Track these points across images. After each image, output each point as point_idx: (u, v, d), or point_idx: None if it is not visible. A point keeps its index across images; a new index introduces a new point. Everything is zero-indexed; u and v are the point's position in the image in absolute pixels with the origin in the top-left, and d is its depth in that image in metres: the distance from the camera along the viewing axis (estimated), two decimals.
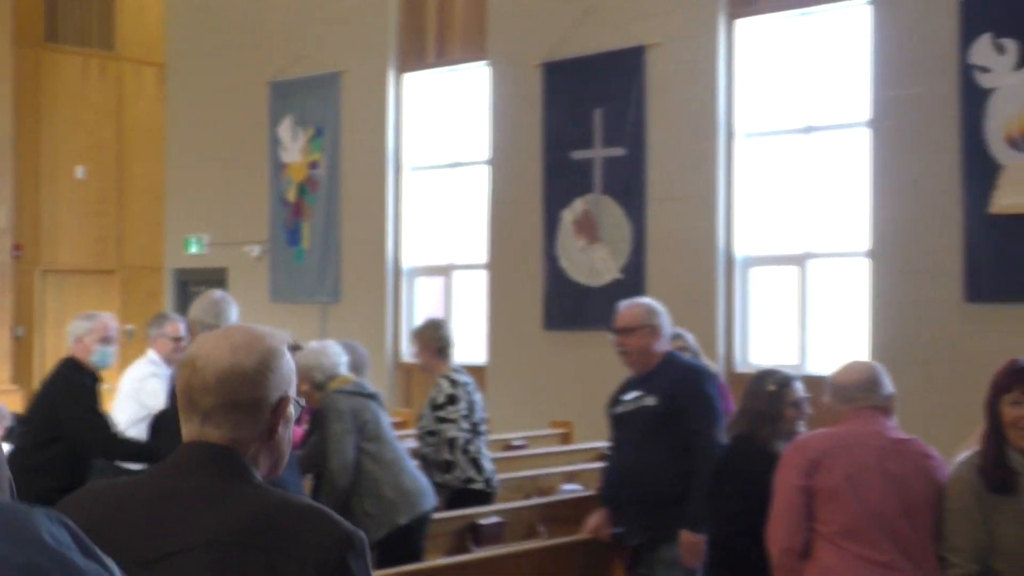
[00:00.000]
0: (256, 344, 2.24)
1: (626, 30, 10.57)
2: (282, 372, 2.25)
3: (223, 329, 2.35)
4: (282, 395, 2.25)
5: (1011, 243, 8.42)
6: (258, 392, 2.21)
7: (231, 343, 2.23)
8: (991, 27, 8.57)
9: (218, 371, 2.20)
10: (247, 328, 2.32)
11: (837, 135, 9.78)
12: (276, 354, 2.26)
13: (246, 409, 2.21)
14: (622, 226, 10.60)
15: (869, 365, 4.53)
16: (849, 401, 4.30)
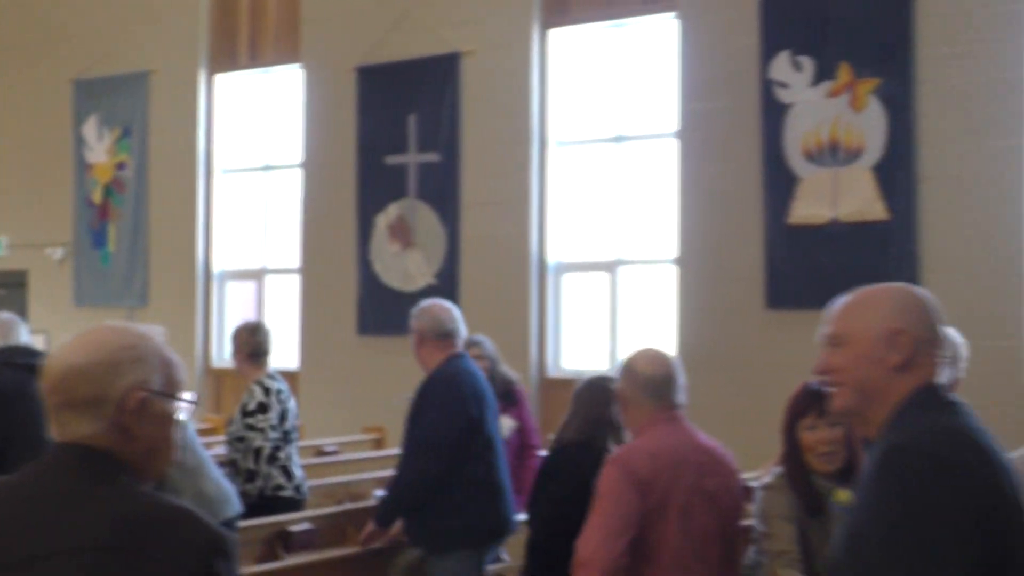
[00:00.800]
0: (101, 341, 2.24)
1: (441, 36, 10.63)
2: (124, 367, 2.22)
3: (88, 328, 2.33)
4: (126, 391, 2.21)
5: (808, 252, 8.78)
6: (95, 389, 2.19)
7: (79, 342, 2.24)
8: (789, 45, 8.93)
9: (59, 370, 2.21)
10: (107, 326, 2.31)
11: (646, 145, 10.04)
12: (118, 349, 2.23)
13: (87, 406, 2.19)
14: (436, 231, 10.65)
15: (669, 358, 4.26)
16: (658, 398, 4.10)
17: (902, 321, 2.49)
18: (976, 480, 2.28)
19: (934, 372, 2.50)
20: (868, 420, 2.51)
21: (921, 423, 2.38)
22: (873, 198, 8.56)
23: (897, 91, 8.53)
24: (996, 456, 2.37)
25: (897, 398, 2.46)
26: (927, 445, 2.30)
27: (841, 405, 2.55)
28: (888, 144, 8.55)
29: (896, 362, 2.47)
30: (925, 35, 8.46)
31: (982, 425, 2.44)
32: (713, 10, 9.37)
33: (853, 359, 2.51)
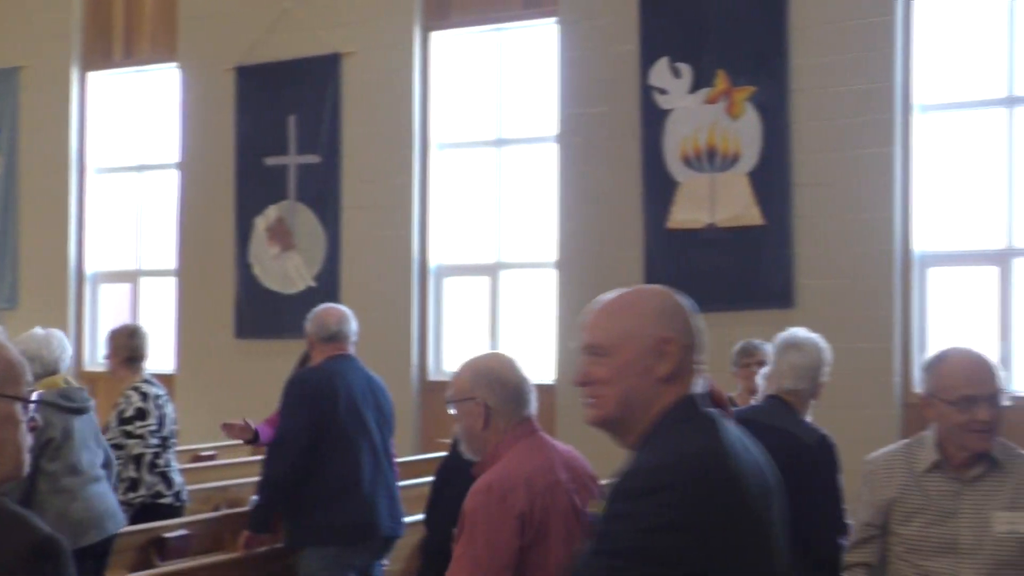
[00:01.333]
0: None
1: (321, 37, 10.55)
2: None
3: None
4: None
5: (686, 256, 8.92)
6: None
7: None
8: (668, 52, 9.07)
9: None
10: None
11: (527, 149, 10.09)
12: None
13: None
14: (317, 234, 10.56)
15: (514, 359, 3.73)
16: (521, 408, 3.59)
17: (670, 329, 2.35)
18: (718, 499, 2.18)
19: (693, 382, 2.36)
20: (629, 431, 2.35)
21: (675, 440, 2.26)
22: (749, 203, 8.73)
23: (772, 99, 8.72)
24: (744, 469, 2.27)
25: (659, 409, 2.31)
26: (678, 467, 2.20)
27: (600, 416, 2.37)
28: (763, 150, 8.73)
29: (664, 372, 2.32)
30: (798, 45, 8.66)
31: (736, 434, 2.35)
32: (593, 16, 9.46)
33: (617, 370, 2.33)
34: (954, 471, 3.41)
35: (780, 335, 4.59)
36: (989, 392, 3.35)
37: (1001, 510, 3.34)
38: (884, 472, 3.53)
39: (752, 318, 8.32)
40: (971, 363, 3.42)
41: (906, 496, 3.46)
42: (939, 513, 3.40)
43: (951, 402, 3.37)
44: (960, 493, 3.39)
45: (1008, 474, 3.38)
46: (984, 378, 3.38)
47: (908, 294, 8.37)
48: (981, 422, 3.33)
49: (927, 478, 3.44)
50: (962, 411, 3.35)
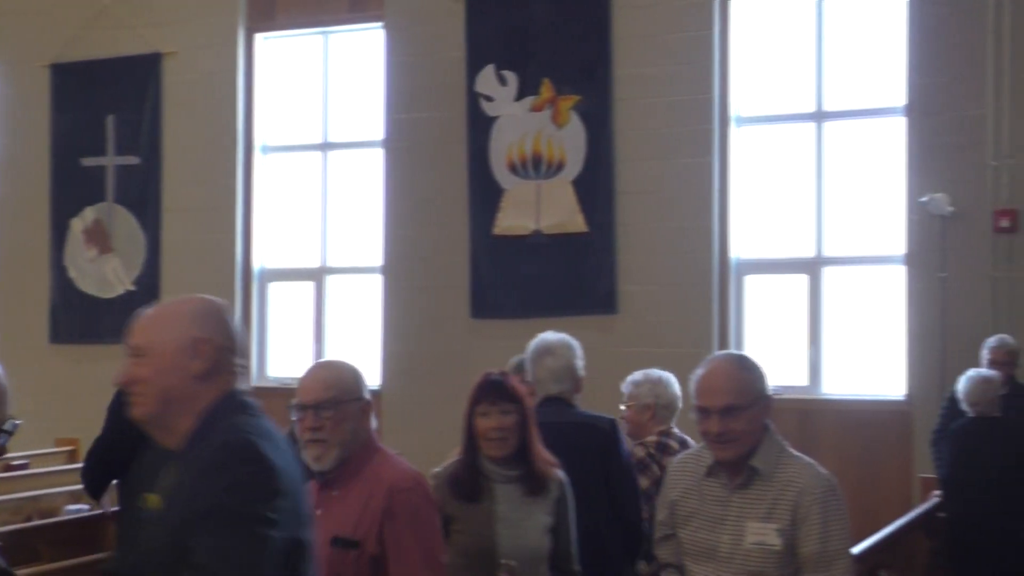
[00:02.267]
0: None
1: (142, 35, 10.31)
2: None
3: None
4: None
5: (512, 262, 9.02)
6: None
7: None
8: (494, 59, 9.16)
9: None
10: None
11: (353, 153, 10.05)
12: None
13: None
14: (136, 237, 10.31)
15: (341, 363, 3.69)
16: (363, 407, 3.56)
17: (205, 330, 2.50)
18: (283, 473, 2.39)
19: (235, 379, 2.53)
20: (172, 429, 2.49)
21: (233, 425, 2.43)
22: (573, 210, 8.89)
23: (596, 108, 8.89)
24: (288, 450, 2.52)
25: (203, 405, 2.47)
26: (249, 442, 2.38)
27: (142, 414, 2.51)
28: (587, 159, 8.89)
29: (199, 370, 2.48)
30: (621, 56, 8.86)
31: (272, 424, 2.55)
32: (420, 22, 9.49)
33: (155, 369, 2.48)
34: (726, 477, 3.41)
35: (532, 342, 4.72)
36: (721, 404, 3.31)
37: (756, 520, 3.32)
38: (675, 472, 3.58)
39: (577, 323, 8.43)
40: (711, 374, 3.40)
41: (686, 499, 3.47)
42: (708, 518, 3.40)
43: (696, 409, 3.41)
44: (728, 500, 3.39)
45: (771, 484, 3.35)
46: (716, 390, 3.35)
47: (726, 300, 8.65)
48: (712, 434, 3.33)
49: (706, 482, 3.44)
50: (700, 421, 3.38)
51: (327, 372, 3.48)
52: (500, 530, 3.91)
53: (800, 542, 3.29)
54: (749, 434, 3.35)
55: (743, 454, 3.35)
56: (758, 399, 3.39)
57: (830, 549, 3.29)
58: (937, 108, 8.08)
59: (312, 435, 3.35)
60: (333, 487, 3.37)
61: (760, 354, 8.53)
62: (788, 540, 3.29)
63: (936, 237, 8.01)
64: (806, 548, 3.28)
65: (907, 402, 8.12)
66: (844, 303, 8.57)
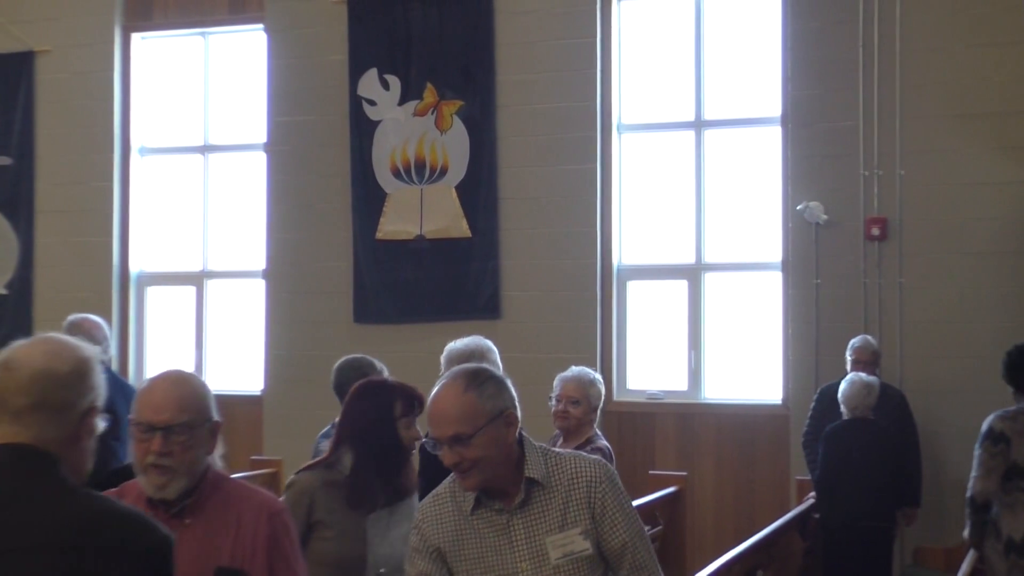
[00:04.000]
0: (70, 351, 2.37)
1: (13, 33, 10.04)
2: (93, 382, 2.38)
3: (38, 336, 2.42)
4: (92, 404, 2.37)
5: (394, 267, 9.00)
6: (69, 396, 2.32)
7: (46, 348, 2.35)
8: (377, 63, 9.14)
9: (32, 373, 2.30)
10: (61, 337, 2.43)
11: (235, 156, 9.93)
12: (90, 364, 2.38)
13: (55, 411, 2.30)
14: (8, 239, 10.04)
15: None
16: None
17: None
18: None
19: None
20: None
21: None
22: (457, 215, 8.90)
23: (479, 114, 8.93)
24: None
25: None
26: None
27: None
28: (470, 164, 8.91)
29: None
30: (504, 62, 8.90)
31: None
32: (301, 25, 9.42)
33: None
34: (497, 502, 3.09)
35: (450, 347, 4.74)
36: (449, 434, 2.98)
37: (553, 533, 3.06)
38: (430, 519, 3.16)
39: (460, 329, 8.45)
40: (437, 400, 3.05)
41: (459, 543, 3.11)
42: (494, 553, 3.08)
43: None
44: (510, 524, 3.08)
45: (553, 490, 3.08)
46: (441, 419, 3.01)
47: (609, 306, 8.74)
48: (450, 464, 3.03)
49: (475, 517, 3.10)
50: (439, 448, 3.05)
51: (180, 389, 3.02)
52: (371, 538, 3.90)
53: (606, 535, 3.07)
54: (490, 458, 3.01)
55: (490, 478, 3.04)
56: (491, 420, 3.02)
57: (636, 532, 3.10)
58: (812, 119, 8.29)
59: (157, 460, 2.94)
60: (184, 516, 3.00)
61: (642, 359, 8.70)
62: (595, 540, 3.07)
63: (811, 244, 8.21)
64: (616, 539, 3.06)
65: (784, 406, 8.31)
66: (723, 308, 8.73)
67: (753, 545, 5.99)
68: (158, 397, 3.00)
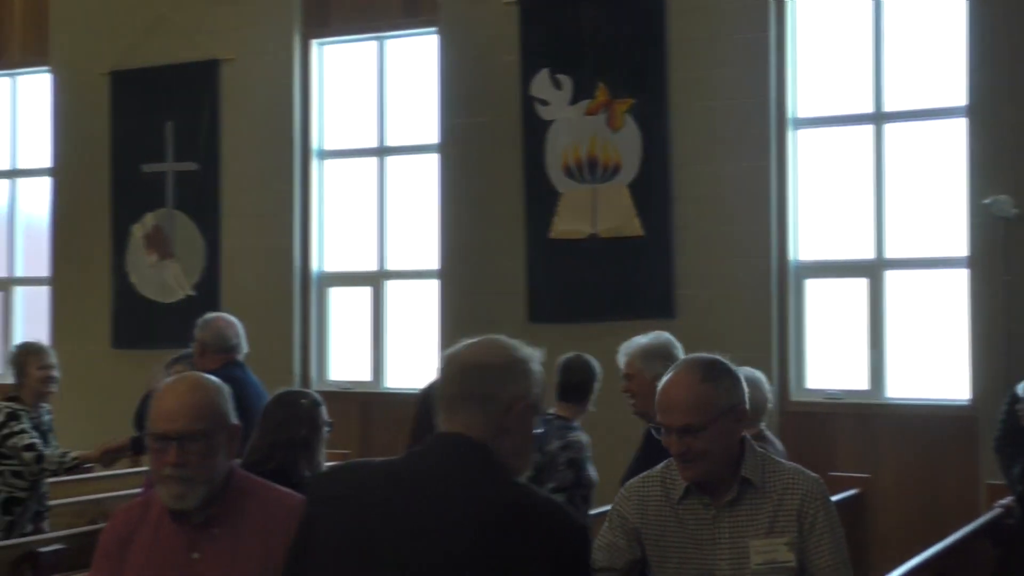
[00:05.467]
0: (504, 349, 2.58)
1: (199, 42, 10.42)
2: (523, 379, 2.53)
3: (486, 336, 2.67)
4: (519, 398, 2.51)
5: (569, 266, 9.00)
6: (493, 388, 2.49)
7: (483, 344, 2.60)
8: (549, 63, 9.15)
9: (462, 365, 2.54)
10: (502, 338, 2.65)
11: (409, 158, 10.08)
12: (522, 363, 2.56)
13: (481, 402, 2.48)
14: (195, 242, 10.42)
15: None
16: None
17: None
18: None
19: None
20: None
21: None
22: (629, 214, 8.85)
23: (651, 112, 8.86)
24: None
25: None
26: None
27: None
28: (643, 162, 8.85)
29: None
30: (676, 59, 8.81)
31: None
32: (474, 27, 9.50)
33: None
34: (707, 496, 3.06)
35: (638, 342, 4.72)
36: (679, 424, 2.97)
37: (758, 537, 3.01)
38: (633, 498, 3.15)
39: (633, 328, 8.40)
40: (669, 387, 3.04)
41: (658, 528, 3.09)
42: (695, 545, 3.05)
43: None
44: (717, 520, 3.05)
45: (766, 495, 3.05)
46: (673, 407, 3.00)
47: (785, 305, 8.57)
48: (673, 453, 3.02)
49: (683, 506, 3.08)
50: (664, 437, 3.03)
51: (195, 396, 2.93)
52: None
53: (811, 554, 3.02)
54: (716, 452, 3.00)
55: (711, 471, 3.02)
56: (723, 413, 3.02)
57: (840, 559, 3.05)
58: (999, 109, 7.96)
59: (173, 471, 2.84)
60: (211, 526, 2.90)
61: (821, 357, 8.50)
62: (798, 554, 3.01)
63: (999, 239, 7.89)
64: (820, 560, 3.02)
65: (971, 407, 8.01)
66: (906, 306, 8.46)
67: (940, 551, 5.79)
68: (171, 405, 2.89)
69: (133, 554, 2.93)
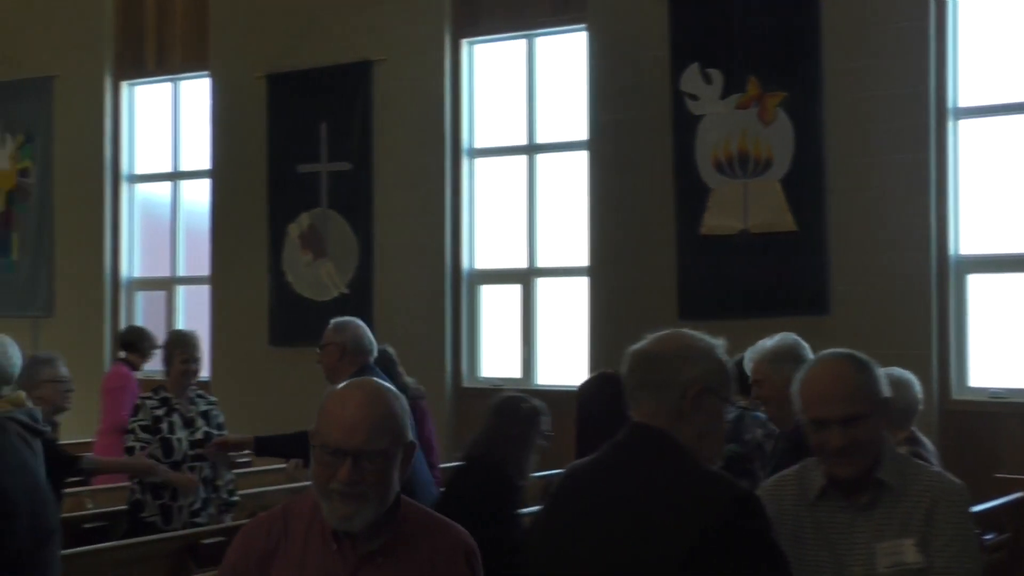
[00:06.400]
0: (680, 339, 2.68)
1: (352, 45, 10.59)
2: (695, 365, 2.61)
3: (666, 331, 2.75)
4: (694, 383, 2.59)
5: (719, 262, 8.88)
6: (665, 375, 2.59)
7: (662, 336, 2.70)
8: (699, 58, 9.04)
9: (636, 355, 2.65)
10: (686, 331, 2.74)
11: (558, 155, 10.08)
12: (694, 349, 2.65)
13: (655, 389, 2.58)
14: (349, 241, 10.59)
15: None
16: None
17: None
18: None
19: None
20: None
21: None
22: (782, 209, 8.69)
23: (804, 105, 8.68)
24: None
25: None
26: None
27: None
28: (796, 156, 8.68)
29: None
30: (830, 50, 8.61)
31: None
32: (622, 23, 9.45)
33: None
34: (844, 497, 2.95)
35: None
36: (841, 414, 2.88)
37: (887, 540, 2.88)
38: (771, 499, 3.00)
39: (786, 324, 8.24)
40: (823, 378, 2.96)
41: (795, 529, 2.96)
42: (829, 548, 2.94)
43: (808, 421, 2.97)
44: (853, 523, 2.94)
45: (902, 498, 2.92)
46: (833, 398, 2.91)
47: (945, 300, 8.30)
48: (832, 448, 2.90)
49: (819, 507, 2.98)
50: (816, 433, 2.94)
51: (377, 409, 2.59)
52: None
53: (935, 557, 2.84)
54: (872, 445, 2.91)
55: (865, 466, 2.91)
56: (880, 404, 2.95)
57: (963, 569, 2.85)
58: None
59: (343, 488, 2.53)
60: (378, 556, 2.61)
61: (984, 355, 8.21)
62: (927, 555, 2.84)
63: None
64: (939, 560, 2.84)
65: None
66: None
67: None
68: (351, 416, 2.55)
69: (278, 572, 2.64)
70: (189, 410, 6.35)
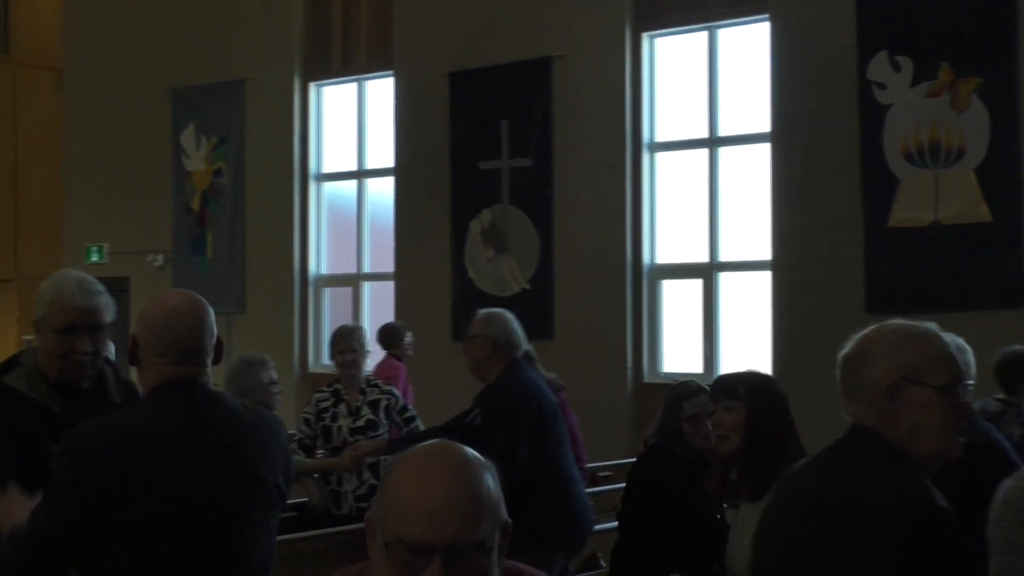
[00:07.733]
0: (861, 338, 2.52)
1: (532, 41, 10.63)
2: (878, 357, 2.44)
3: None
4: (885, 377, 2.42)
5: (909, 255, 8.61)
6: (859, 375, 2.46)
7: (854, 339, 2.54)
8: (887, 45, 8.78)
9: (839, 362, 2.53)
10: (876, 326, 2.55)
11: (740, 148, 9.93)
12: (883, 342, 2.47)
13: (854, 391, 2.48)
14: (530, 236, 10.64)
15: None
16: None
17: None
18: None
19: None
20: None
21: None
22: (976, 200, 8.38)
23: (1000, 90, 8.35)
24: None
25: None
26: None
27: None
28: (991, 145, 8.36)
29: None
30: None
31: None
32: (806, 12, 9.25)
33: None
34: None
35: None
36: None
37: None
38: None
39: (980, 320, 7.96)
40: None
41: None
42: None
43: None
44: None
45: None
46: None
47: None
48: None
49: None
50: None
51: (468, 486, 1.87)
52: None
53: None
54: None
55: None
56: None
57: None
58: None
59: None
60: None
61: None
62: None
63: None
64: None
65: None
66: None
67: None
68: (436, 499, 1.85)
69: None
70: (357, 399, 6.43)
